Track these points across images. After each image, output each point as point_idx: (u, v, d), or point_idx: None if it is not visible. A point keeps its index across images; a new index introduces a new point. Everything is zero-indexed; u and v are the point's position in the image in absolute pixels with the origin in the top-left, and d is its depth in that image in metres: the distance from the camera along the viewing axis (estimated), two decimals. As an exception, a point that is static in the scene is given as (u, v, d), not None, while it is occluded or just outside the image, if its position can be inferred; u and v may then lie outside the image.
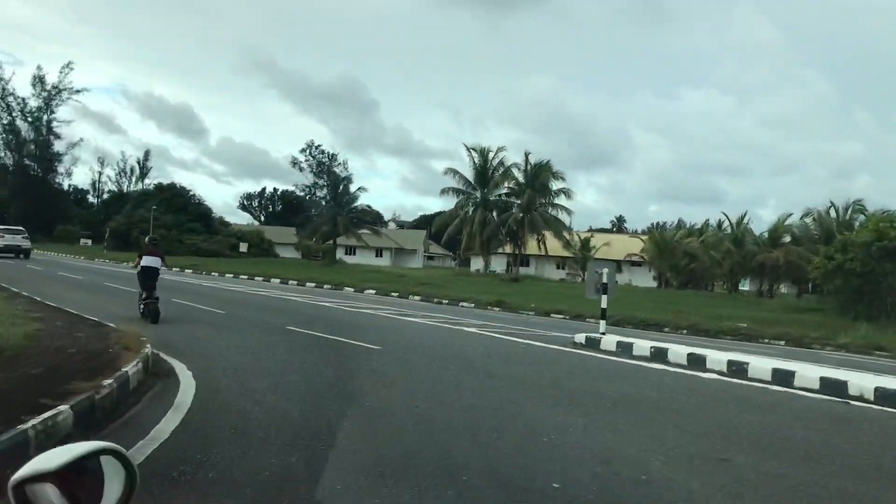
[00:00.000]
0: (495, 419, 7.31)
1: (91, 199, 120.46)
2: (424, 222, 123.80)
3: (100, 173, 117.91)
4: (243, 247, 68.59)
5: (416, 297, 27.97)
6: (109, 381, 7.14)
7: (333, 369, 9.89)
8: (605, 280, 13.96)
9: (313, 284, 31.08)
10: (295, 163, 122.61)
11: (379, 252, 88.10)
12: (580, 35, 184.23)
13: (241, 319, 15.39)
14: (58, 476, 1.21)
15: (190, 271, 36.92)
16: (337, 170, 75.38)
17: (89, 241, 65.33)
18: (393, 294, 28.88)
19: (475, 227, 60.15)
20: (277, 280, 32.34)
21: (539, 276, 67.12)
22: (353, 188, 72.06)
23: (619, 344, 13.28)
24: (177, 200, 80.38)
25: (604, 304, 14.11)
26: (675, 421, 7.78)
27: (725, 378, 11.06)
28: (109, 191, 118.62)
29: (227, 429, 6.45)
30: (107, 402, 6.77)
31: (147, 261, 14.67)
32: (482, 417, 7.33)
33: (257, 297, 21.52)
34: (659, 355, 12.47)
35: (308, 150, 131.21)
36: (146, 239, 16.23)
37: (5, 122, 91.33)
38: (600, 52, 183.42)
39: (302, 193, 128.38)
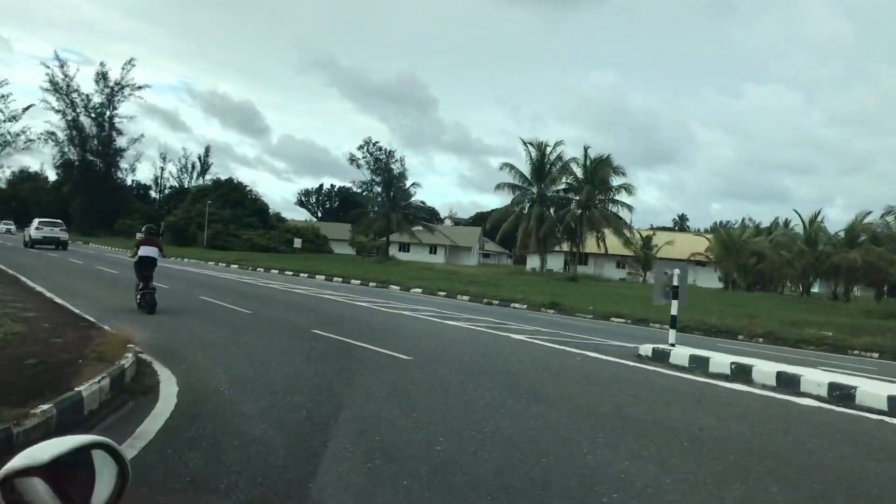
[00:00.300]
0: (539, 466, 5.53)
1: (153, 194, 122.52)
2: (480, 219, 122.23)
3: (162, 169, 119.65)
4: (297, 242, 67.91)
5: (465, 297, 26.24)
6: (47, 406, 5.61)
7: (349, 387, 8.23)
8: (675, 282, 11.98)
9: (358, 282, 29.72)
10: (353, 159, 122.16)
11: (433, 249, 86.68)
12: (642, 30, 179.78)
13: (266, 321, 13.93)
14: (47, 470, 1.18)
15: (236, 266, 35.99)
16: (394, 167, 74.38)
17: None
18: (440, 293, 27.23)
19: (531, 223, 58.05)
20: (322, 277, 31.10)
21: (597, 276, 64.56)
22: (407, 184, 70.72)
23: (692, 358, 11.29)
24: (234, 195, 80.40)
25: (674, 311, 12.12)
26: (776, 471, 5.86)
27: (827, 406, 9.02)
28: (171, 186, 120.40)
29: (181, 477, 4.84)
30: (33, 435, 5.23)
31: (144, 251, 14.38)
32: (522, 464, 5.55)
33: (294, 296, 20.12)
34: (741, 373, 10.45)
35: (366, 147, 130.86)
36: (143, 228, 15.80)
37: (69, 117, 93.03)
38: (662, 47, 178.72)
39: (359, 190, 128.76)
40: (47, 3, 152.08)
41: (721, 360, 10.95)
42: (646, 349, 12.15)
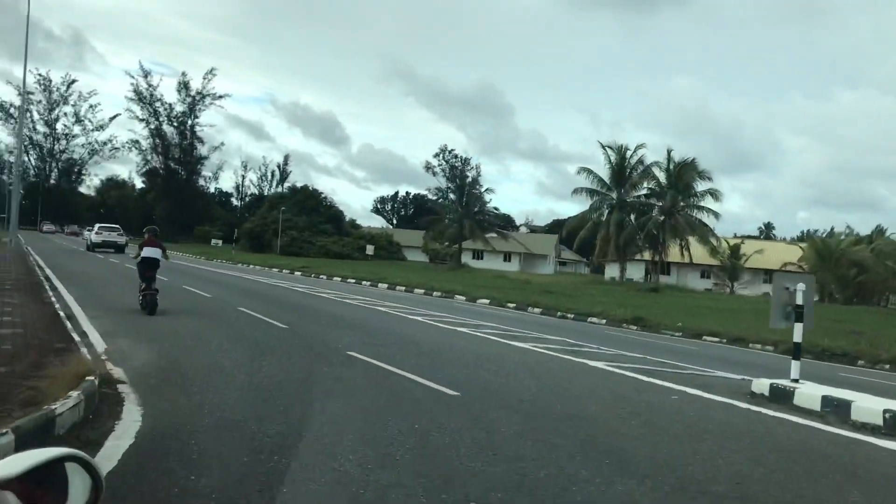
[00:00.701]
0: None
1: (235, 201, 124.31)
2: (557, 227, 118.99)
3: (243, 177, 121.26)
4: (369, 249, 66.59)
5: (536, 310, 23.75)
6: None
7: (364, 441, 6.02)
8: (799, 300, 9.32)
9: (422, 291, 27.64)
10: (428, 167, 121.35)
11: (507, 257, 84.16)
12: (725, 35, 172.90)
13: (299, 338, 11.92)
14: (18, 484, 1.13)
15: (299, 273, 34.47)
16: (469, 174, 72.54)
17: (220, 242, 65.44)
18: (509, 305, 24.77)
19: (610, 230, 54.95)
20: (385, 285, 29.17)
21: (681, 286, 60.72)
22: (480, 190, 68.48)
23: (824, 400, 8.59)
24: (309, 202, 79.97)
25: (797, 337, 9.43)
26: None
27: None
28: (251, 194, 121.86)
29: None
30: None
31: (147, 252, 14.15)
32: None
33: (344, 307, 18.05)
34: (900, 425, 7.75)
35: (442, 155, 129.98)
36: (145, 229, 15.25)
37: (153, 126, 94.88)
38: (746, 51, 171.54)
39: (434, 197, 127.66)
40: (139, 18, 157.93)
41: (868, 406, 8.22)
42: (761, 386, 9.48)
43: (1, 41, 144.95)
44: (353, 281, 31.25)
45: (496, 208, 67.75)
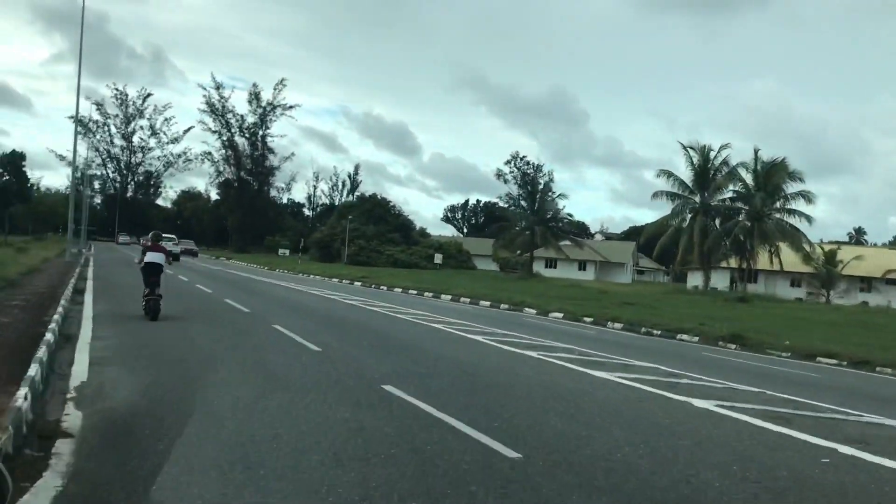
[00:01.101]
0: None
1: (306, 211, 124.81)
2: (634, 234, 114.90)
3: (314, 187, 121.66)
4: (437, 258, 64.68)
5: (617, 325, 21.11)
6: None
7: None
8: None
9: (488, 304, 25.22)
10: (500, 174, 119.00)
11: (582, 265, 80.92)
12: (807, 34, 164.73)
13: (331, 364, 9.74)
14: None
15: (359, 284, 32.59)
16: (542, 180, 70.04)
17: (286, 252, 64.67)
18: (585, 320, 22.02)
19: (694, 236, 51.40)
20: (448, 297, 26.97)
21: (769, 295, 56.44)
22: (552, 196, 65.62)
23: None
24: (377, 211, 78.81)
25: None
26: None
27: None
28: (322, 204, 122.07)
29: None
30: None
31: (150, 257, 14.01)
32: None
33: (393, 324, 15.75)
34: None
35: (513, 162, 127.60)
36: (150, 235, 15.37)
37: (224, 138, 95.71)
38: (829, 51, 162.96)
39: (505, 205, 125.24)
40: (216, 35, 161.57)
41: None
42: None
43: (84, 58, 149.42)
44: (415, 292, 29.12)
45: (570, 215, 64.72)
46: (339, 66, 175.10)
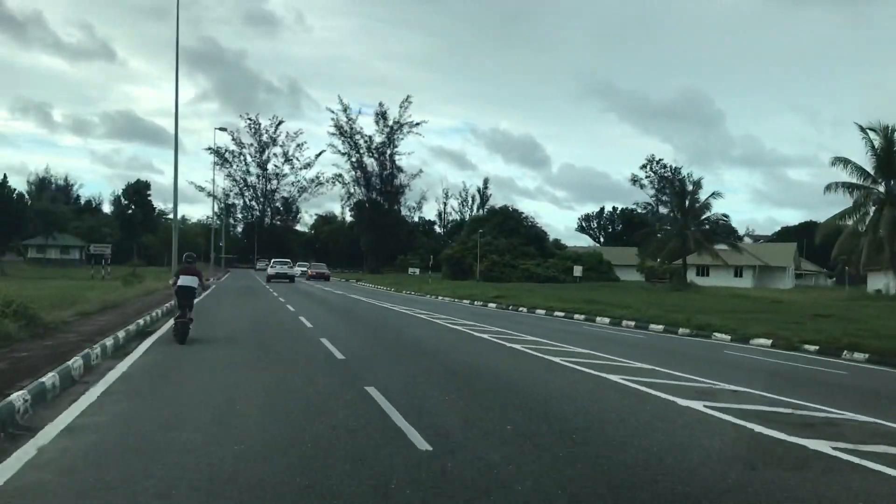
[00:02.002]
0: None
1: (437, 229, 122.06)
2: (785, 235, 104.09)
3: (444, 204, 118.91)
4: (577, 270, 58.97)
5: (811, 348, 15.25)
6: None
7: None
8: None
9: (659, 328, 19.08)
10: (635, 180, 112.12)
11: (738, 271, 72.50)
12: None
13: (438, 481, 5.07)
14: None
15: (493, 305, 27.74)
16: (690, 182, 63.11)
17: (416, 270, 61.10)
18: (806, 348, 15.39)
19: (882, 232, 43.05)
20: (605, 319, 21.25)
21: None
22: (702, 197, 58.27)
23: None
24: (509, 224, 74.08)
25: None
26: None
27: None
28: (452, 220, 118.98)
29: None
30: None
31: (183, 280, 13.35)
32: None
33: (546, 376, 10.53)
34: None
35: (649, 166, 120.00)
36: (183, 257, 14.91)
37: (354, 159, 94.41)
38: None
39: (643, 211, 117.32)
40: (346, 64, 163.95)
41: None
42: None
43: (226, 95, 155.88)
44: (562, 314, 23.57)
45: (726, 216, 57.15)
46: (465, 85, 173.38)
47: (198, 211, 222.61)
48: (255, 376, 9.47)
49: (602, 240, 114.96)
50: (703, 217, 56.94)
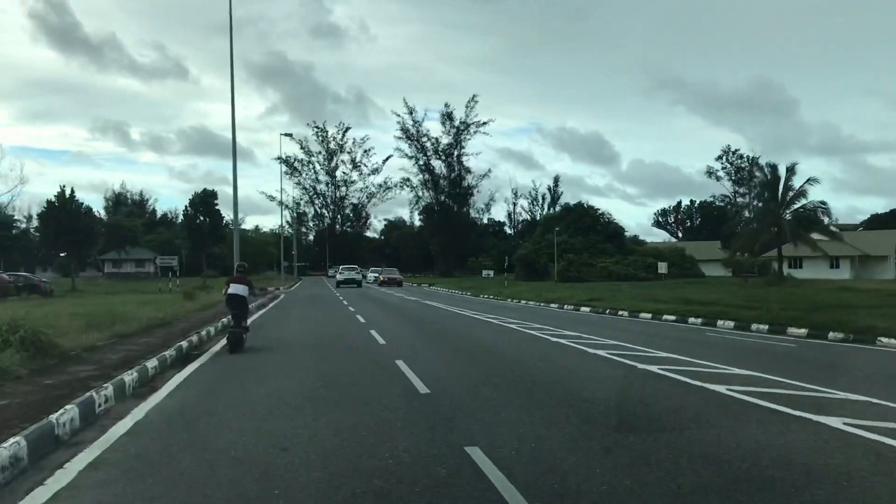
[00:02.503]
0: None
1: (507, 230, 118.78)
2: (877, 222, 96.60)
3: (514, 204, 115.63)
4: (662, 267, 54.79)
5: None
6: None
7: None
8: None
9: (801, 332, 15.30)
10: (710, 172, 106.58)
11: (834, 262, 66.87)
12: None
13: None
14: None
15: (587, 309, 24.32)
16: (758, 174, 58.33)
17: (490, 273, 58.04)
18: None
19: None
20: (729, 323, 17.37)
21: None
22: (796, 183, 53.25)
23: None
24: (584, 221, 70.31)
25: None
26: None
27: None
28: (523, 220, 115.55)
29: None
30: None
31: (233, 288, 13.13)
32: None
33: (720, 407, 7.47)
34: None
35: (725, 158, 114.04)
36: (235, 266, 15.03)
37: (421, 162, 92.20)
38: None
39: (721, 203, 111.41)
40: (411, 72, 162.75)
41: None
42: None
43: (295, 107, 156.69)
44: (672, 318, 19.91)
45: (824, 203, 52.03)
46: (529, 84, 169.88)
47: (270, 221, 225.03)
48: (312, 426, 6.72)
49: (680, 234, 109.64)
50: (799, 206, 52.08)
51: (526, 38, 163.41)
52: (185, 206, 53.82)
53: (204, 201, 48.55)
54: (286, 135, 54.87)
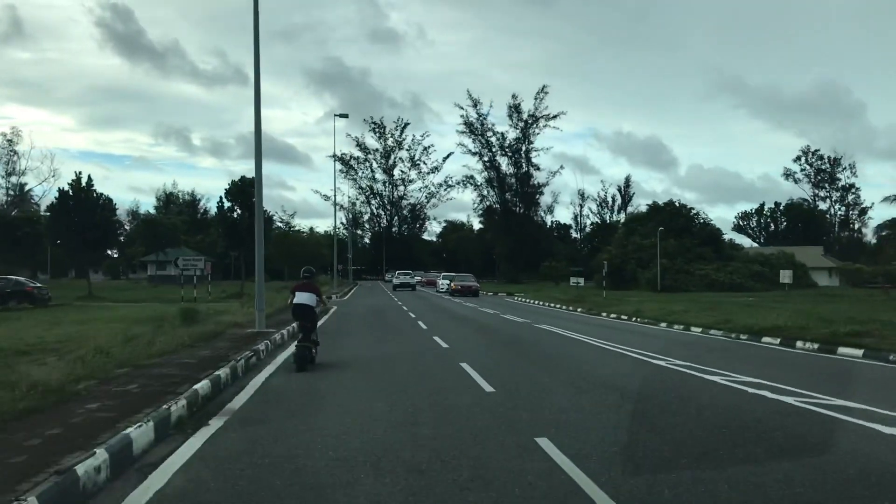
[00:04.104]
0: None
1: (573, 233, 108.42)
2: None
3: (581, 206, 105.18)
4: (786, 276, 44.05)
5: None
6: None
7: None
8: None
9: None
10: (788, 174, 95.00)
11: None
12: None
13: None
14: None
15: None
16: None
17: (581, 280, 47.99)
18: None
19: None
20: None
21: None
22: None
23: None
24: (677, 222, 59.55)
25: None
26: None
27: None
28: (592, 223, 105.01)
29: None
30: None
31: (299, 297, 11.07)
32: None
33: None
34: None
35: (804, 158, 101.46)
36: (301, 272, 11.96)
37: (486, 158, 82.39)
38: None
39: (807, 205, 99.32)
40: (467, 77, 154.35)
41: None
42: None
43: (352, 112, 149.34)
44: None
45: None
46: (586, 89, 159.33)
47: (326, 222, 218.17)
48: None
49: (762, 239, 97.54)
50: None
51: (582, 42, 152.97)
52: (220, 198, 44.52)
53: (242, 191, 39.78)
54: (341, 115, 44.97)
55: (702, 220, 61.23)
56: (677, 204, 62.53)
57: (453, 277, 45.76)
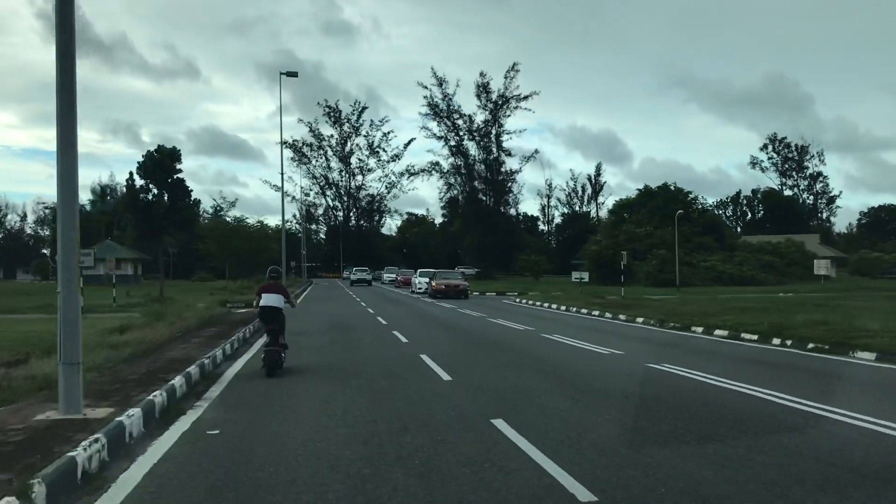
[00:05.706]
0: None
1: (541, 225, 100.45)
2: None
3: (548, 197, 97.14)
4: (821, 267, 36.27)
5: None
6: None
7: None
8: None
9: None
10: (755, 163, 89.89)
11: None
12: None
13: None
14: None
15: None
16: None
17: (585, 276, 39.04)
18: None
19: None
20: None
21: None
22: None
23: None
24: (671, 208, 51.53)
25: None
26: None
27: None
28: (562, 213, 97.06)
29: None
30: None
31: (265, 300, 10.25)
32: None
33: None
34: None
35: (771, 146, 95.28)
36: (268, 271, 11.29)
37: (452, 143, 73.31)
38: None
39: (790, 192, 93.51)
40: (422, 70, 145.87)
41: None
42: None
43: (305, 106, 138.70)
44: None
45: None
46: (540, 84, 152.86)
47: (279, 218, 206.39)
48: None
49: (739, 229, 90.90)
50: None
51: (535, 38, 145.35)
52: (129, 174, 33.26)
53: (160, 165, 29.71)
54: (289, 74, 34.56)
55: (700, 206, 53.36)
56: (672, 188, 54.49)
57: (434, 275, 34.76)
